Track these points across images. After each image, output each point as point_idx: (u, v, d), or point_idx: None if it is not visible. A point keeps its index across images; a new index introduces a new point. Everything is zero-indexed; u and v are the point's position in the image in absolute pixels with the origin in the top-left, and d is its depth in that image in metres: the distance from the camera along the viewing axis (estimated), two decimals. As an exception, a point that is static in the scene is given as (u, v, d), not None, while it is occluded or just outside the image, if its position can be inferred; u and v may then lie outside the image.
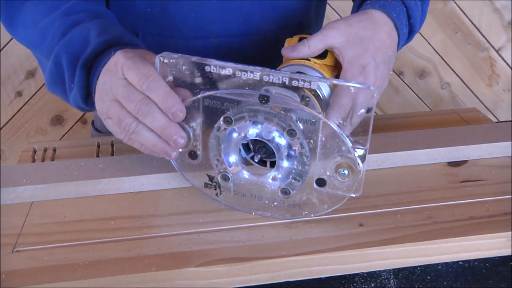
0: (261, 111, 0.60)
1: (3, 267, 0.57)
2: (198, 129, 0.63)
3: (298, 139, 0.60)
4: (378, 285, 0.64)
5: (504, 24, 2.11)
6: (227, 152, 0.64)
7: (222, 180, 0.65)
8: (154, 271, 0.57)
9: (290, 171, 0.63)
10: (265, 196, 0.66)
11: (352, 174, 0.61)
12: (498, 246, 0.63)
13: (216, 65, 0.60)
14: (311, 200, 0.65)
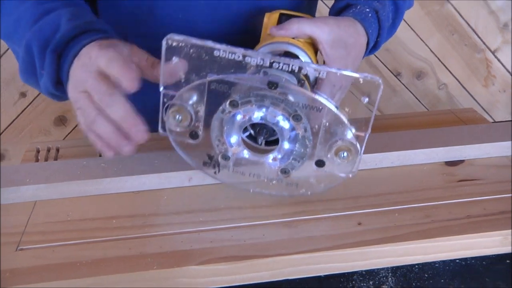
0: (269, 96, 0.60)
1: (8, 265, 0.57)
2: (202, 111, 0.62)
3: (303, 124, 0.60)
4: (376, 283, 0.64)
5: (499, 26, 2.12)
6: (229, 133, 0.63)
7: (222, 160, 0.65)
8: (155, 269, 0.57)
9: (291, 152, 0.64)
10: (264, 175, 0.66)
11: (350, 157, 0.62)
12: (495, 244, 0.63)
13: (225, 50, 0.59)
14: (309, 179, 0.66)
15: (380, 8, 0.79)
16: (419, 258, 0.62)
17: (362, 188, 0.70)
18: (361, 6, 0.77)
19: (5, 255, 0.59)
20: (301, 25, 0.70)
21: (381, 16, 0.79)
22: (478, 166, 0.75)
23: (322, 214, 0.65)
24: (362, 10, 0.77)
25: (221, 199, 0.68)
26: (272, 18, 0.75)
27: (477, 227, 0.62)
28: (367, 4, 0.78)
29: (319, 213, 0.65)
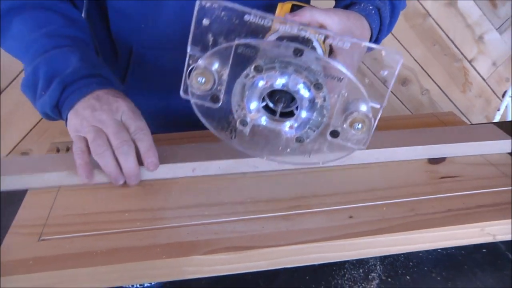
0: (293, 63, 0.57)
1: (31, 254, 0.57)
2: (225, 74, 0.60)
3: (323, 93, 0.58)
4: (366, 271, 0.64)
5: (475, 38, 2.13)
6: (249, 99, 0.60)
7: (240, 125, 0.62)
8: (164, 258, 0.56)
9: (307, 121, 0.61)
10: (279, 143, 0.64)
11: (364, 129, 0.60)
12: (473, 235, 0.62)
13: (256, 15, 0.57)
14: (322, 149, 0.64)
15: (382, 6, 0.79)
16: (405, 248, 0.62)
17: (353, 185, 0.69)
18: (364, 4, 0.77)
19: (29, 244, 0.58)
20: (313, 13, 0.68)
21: (382, 14, 0.79)
22: (458, 164, 0.75)
23: (316, 208, 0.64)
24: (366, 7, 0.77)
25: (224, 195, 0.68)
26: (284, 8, 0.72)
27: (456, 219, 0.62)
28: (369, 3, 0.78)
29: (313, 207, 0.65)
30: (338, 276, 0.63)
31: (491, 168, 0.73)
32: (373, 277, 0.63)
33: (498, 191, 0.68)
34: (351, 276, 0.63)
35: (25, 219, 0.63)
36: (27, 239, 0.59)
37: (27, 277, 0.54)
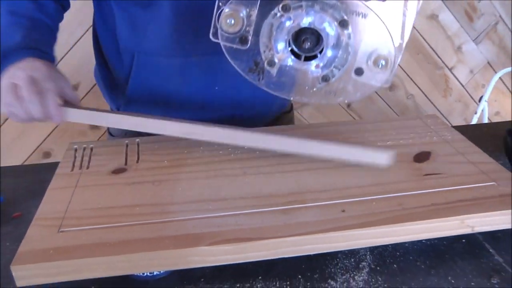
0: (319, 1, 0.54)
1: (51, 244, 0.57)
2: (254, 15, 0.56)
3: (348, 31, 0.56)
4: (357, 260, 0.63)
5: (454, 49, 2.14)
6: (277, 39, 0.58)
7: (268, 65, 0.60)
8: (171, 249, 0.56)
9: (333, 60, 0.58)
10: (305, 83, 0.61)
11: (387, 66, 0.57)
12: (454, 227, 0.62)
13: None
14: (347, 87, 0.61)
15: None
16: (392, 239, 0.61)
17: (345, 182, 0.69)
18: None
19: (49, 236, 0.58)
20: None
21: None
22: (441, 162, 0.74)
23: (311, 203, 0.64)
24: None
25: (226, 191, 0.67)
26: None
27: (439, 213, 0.61)
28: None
29: (308, 202, 0.64)
30: (331, 265, 0.62)
31: (471, 166, 0.72)
32: (363, 266, 0.62)
33: (477, 187, 0.67)
34: (343, 265, 0.63)
35: (46, 213, 0.63)
36: (48, 231, 0.59)
37: (47, 264, 0.54)
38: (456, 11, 2.06)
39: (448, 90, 2.22)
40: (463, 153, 0.76)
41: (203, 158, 0.75)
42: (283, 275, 0.61)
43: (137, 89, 0.90)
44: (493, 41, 2.17)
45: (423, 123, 0.87)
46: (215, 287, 0.59)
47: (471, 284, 0.59)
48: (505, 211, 0.62)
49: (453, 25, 2.08)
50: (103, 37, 0.92)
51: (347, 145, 0.71)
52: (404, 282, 0.59)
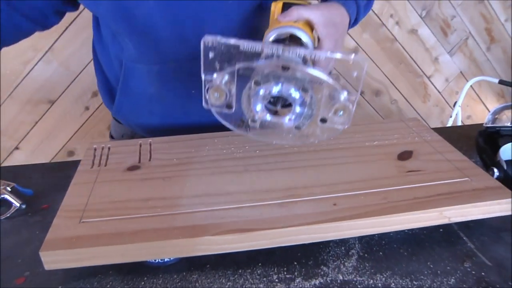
0: (283, 76, 0.59)
1: (73, 233, 0.57)
2: (233, 89, 0.61)
3: (309, 93, 0.60)
4: (347, 248, 0.63)
5: (432, 59, 2.16)
6: (255, 104, 0.62)
7: (251, 122, 0.64)
8: (180, 238, 0.55)
9: (301, 114, 0.62)
10: (283, 131, 0.65)
11: (345, 114, 0.62)
12: (433, 218, 0.61)
13: (247, 45, 0.59)
14: (316, 132, 0.65)
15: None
16: (379, 229, 0.61)
17: (336, 178, 0.68)
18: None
19: (72, 225, 0.58)
20: (299, 11, 0.67)
21: (359, 3, 0.77)
22: (422, 160, 0.73)
23: (306, 197, 0.63)
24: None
25: (230, 186, 0.66)
26: (277, 7, 0.72)
27: (420, 206, 0.61)
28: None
29: (303, 196, 0.63)
30: (324, 252, 0.62)
31: (448, 164, 0.71)
32: (353, 253, 0.62)
33: (453, 182, 0.66)
34: (335, 252, 0.62)
35: (69, 205, 0.63)
36: (70, 221, 0.59)
37: (70, 251, 0.54)
38: (433, 27, 2.07)
39: (427, 96, 2.23)
40: (441, 152, 0.75)
41: (208, 157, 0.75)
42: (281, 262, 0.60)
43: (125, 93, 0.88)
44: (465, 53, 2.18)
45: (405, 125, 0.86)
46: (219, 272, 0.59)
47: (447, 268, 0.59)
48: (477, 203, 0.62)
49: (430, 39, 2.09)
50: (100, 52, 0.89)
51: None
52: (389, 268, 0.59)
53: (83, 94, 1.77)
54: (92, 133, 1.85)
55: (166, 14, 0.74)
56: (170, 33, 0.77)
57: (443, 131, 0.88)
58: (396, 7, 1.97)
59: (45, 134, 1.82)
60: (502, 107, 0.88)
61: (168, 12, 0.74)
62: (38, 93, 1.73)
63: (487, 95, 2.35)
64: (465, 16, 2.09)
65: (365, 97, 2.12)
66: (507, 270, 0.58)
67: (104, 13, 0.76)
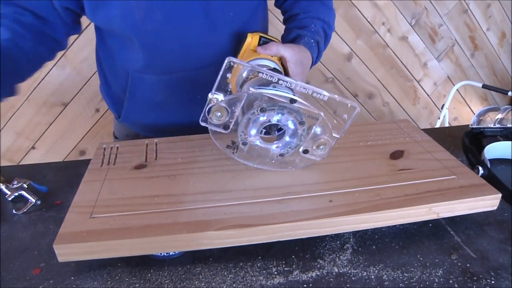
0: (288, 107, 0.61)
1: (84, 228, 0.56)
2: (237, 112, 0.62)
3: (304, 127, 0.63)
4: (342, 242, 0.62)
5: (421, 65, 2.16)
6: (251, 128, 0.63)
7: (242, 145, 0.65)
8: (185, 233, 0.55)
9: (289, 143, 0.65)
10: (267, 157, 0.67)
11: (326, 148, 0.66)
12: (423, 214, 0.61)
13: (267, 73, 0.60)
14: (295, 160, 0.68)
15: (319, 39, 0.81)
16: (372, 224, 0.60)
17: (332, 176, 0.67)
18: (308, 38, 0.79)
19: (83, 221, 0.58)
20: (278, 48, 0.71)
21: (320, 45, 0.81)
22: (413, 159, 0.72)
23: (303, 194, 0.62)
24: (309, 41, 0.79)
25: (231, 184, 0.66)
26: (254, 39, 0.74)
27: (411, 202, 0.60)
28: (312, 37, 0.80)
29: (301, 193, 0.63)
30: (320, 246, 0.61)
31: (437, 163, 0.71)
32: (347, 247, 0.61)
33: (441, 180, 0.66)
34: (330, 246, 0.62)
35: (80, 201, 0.62)
36: (82, 217, 0.59)
37: (81, 245, 0.54)
38: (422, 34, 2.07)
39: (416, 99, 2.22)
40: (430, 152, 0.74)
41: (211, 156, 0.74)
42: (280, 255, 0.60)
43: (132, 101, 0.88)
44: (451, 59, 2.19)
45: (397, 126, 0.85)
46: (221, 265, 0.58)
47: (435, 261, 0.58)
48: (464, 200, 0.61)
49: (419, 45, 2.09)
50: (104, 59, 0.89)
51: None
52: (381, 260, 0.59)
53: (94, 97, 1.77)
54: (102, 133, 1.84)
55: (173, 28, 0.76)
56: (178, 45, 0.78)
57: (432, 132, 0.87)
58: (388, 15, 1.97)
59: (59, 134, 1.82)
60: (486, 109, 0.88)
61: (175, 26, 0.76)
62: (53, 96, 1.73)
63: (472, 98, 2.34)
64: (451, 24, 2.09)
65: (359, 100, 2.12)
66: (490, 261, 0.58)
67: (116, 30, 0.77)
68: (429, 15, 2.03)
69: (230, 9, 0.78)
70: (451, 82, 2.23)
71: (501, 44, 2.24)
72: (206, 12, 0.76)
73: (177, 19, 0.75)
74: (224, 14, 0.78)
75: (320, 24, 0.83)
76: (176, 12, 0.74)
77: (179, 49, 0.78)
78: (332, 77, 2.01)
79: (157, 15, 0.74)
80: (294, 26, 0.83)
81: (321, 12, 0.84)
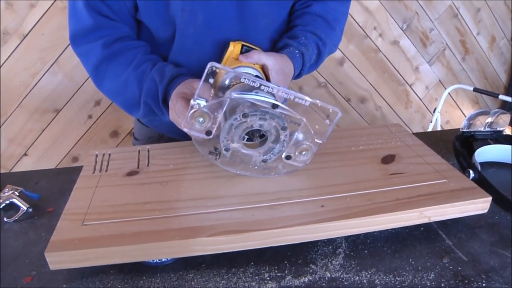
0: (269, 112, 0.61)
1: (76, 235, 0.56)
2: (220, 117, 0.61)
3: (286, 132, 0.63)
4: (334, 247, 0.62)
5: (413, 69, 2.17)
6: (234, 134, 0.63)
7: (224, 151, 0.65)
8: (177, 240, 0.55)
9: (271, 149, 0.65)
10: (250, 163, 0.67)
11: (308, 154, 0.67)
12: (414, 218, 0.61)
13: (249, 78, 0.60)
14: (278, 166, 0.68)
15: (305, 51, 0.81)
16: (364, 229, 0.60)
17: (324, 181, 0.67)
18: (293, 48, 0.80)
19: (75, 228, 0.57)
20: (260, 56, 0.72)
21: (305, 57, 0.81)
22: (404, 163, 0.72)
23: (295, 200, 0.62)
24: (293, 51, 0.79)
25: (223, 190, 0.66)
26: (236, 47, 0.75)
27: (402, 206, 0.61)
28: (297, 48, 0.80)
29: (292, 199, 0.63)
30: (312, 251, 0.62)
31: (428, 167, 0.71)
32: (340, 252, 0.61)
33: (432, 184, 0.66)
34: (323, 251, 0.62)
35: (72, 209, 0.62)
36: (74, 224, 0.58)
37: (73, 252, 0.54)
38: (413, 39, 2.08)
39: (408, 103, 2.24)
40: (421, 156, 0.75)
41: (203, 162, 0.74)
42: (272, 261, 0.60)
43: None
44: (442, 63, 2.20)
45: (389, 130, 0.86)
46: (214, 271, 0.58)
47: (427, 264, 0.59)
48: (455, 203, 0.62)
49: (411, 49, 2.11)
50: None
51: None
52: (373, 265, 0.59)
53: (86, 103, 1.76)
54: (95, 140, 1.84)
55: (212, 31, 0.78)
56: (213, 49, 0.79)
57: (424, 136, 0.88)
58: (379, 20, 1.98)
59: (51, 141, 1.81)
60: (476, 113, 0.89)
61: (213, 30, 0.77)
62: (45, 102, 1.73)
63: (463, 102, 2.36)
64: (442, 29, 2.11)
65: (352, 104, 2.12)
66: (481, 264, 0.58)
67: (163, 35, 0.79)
68: (420, 19, 2.04)
69: (264, 17, 0.80)
70: (443, 85, 2.25)
71: (491, 48, 2.27)
72: (241, 17, 0.78)
73: (216, 23, 0.77)
74: (257, 21, 0.80)
75: (314, 39, 0.83)
76: (215, 15, 0.76)
77: (213, 53, 0.79)
78: (324, 82, 2.02)
79: (199, 18, 0.75)
80: (286, 36, 0.84)
81: (319, 29, 0.85)
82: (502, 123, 0.87)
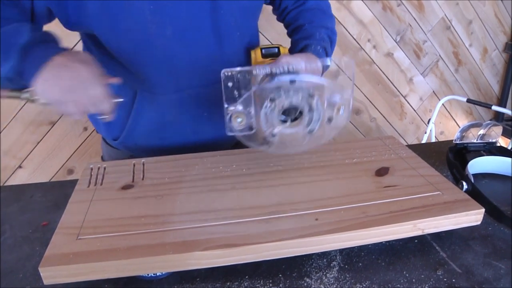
0: (291, 88, 0.64)
1: (70, 249, 0.56)
2: (252, 111, 0.66)
3: (315, 98, 0.65)
4: (328, 260, 0.62)
5: (407, 80, 2.18)
6: (272, 119, 0.66)
7: (271, 137, 0.68)
8: (171, 254, 0.55)
9: (311, 118, 0.67)
10: (298, 139, 0.69)
11: (346, 110, 0.68)
12: (408, 230, 0.61)
13: (259, 68, 0.66)
14: (325, 133, 0.69)
15: (326, 45, 0.84)
16: (358, 242, 0.60)
17: (318, 194, 0.68)
18: (314, 46, 0.81)
19: (69, 242, 0.57)
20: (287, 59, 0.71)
21: (328, 51, 0.84)
22: (398, 176, 0.73)
23: (289, 213, 0.63)
24: (316, 48, 0.81)
25: (218, 203, 0.66)
26: (257, 53, 0.79)
27: (396, 219, 0.61)
28: (318, 44, 0.82)
29: (287, 212, 0.63)
30: (307, 264, 0.62)
31: (421, 179, 0.72)
32: (334, 265, 0.61)
33: (426, 196, 0.67)
34: (317, 264, 0.62)
35: (67, 223, 0.62)
36: (68, 238, 0.58)
37: (68, 267, 0.54)
38: (407, 50, 2.10)
39: (403, 114, 2.25)
40: (415, 168, 0.75)
41: (198, 175, 0.74)
42: (267, 274, 0.60)
43: (138, 122, 0.86)
44: (436, 74, 2.22)
45: (382, 143, 0.86)
46: (209, 285, 0.58)
47: (421, 276, 0.59)
48: (448, 215, 0.62)
49: (405, 61, 2.12)
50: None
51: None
52: (368, 277, 0.59)
53: (82, 117, 1.75)
54: (90, 152, 1.83)
55: (183, 44, 0.77)
56: (187, 62, 0.79)
57: (417, 148, 0.88)
58: (373, 32, 2.00)
59: (46, 153, 1.80)
60: (469, 125, 0.90)
61: (184, 42, 0.77)
62: (40, 115, 1.72)
63: (457, 112, 2.38)
64: (435, 41, 2.13)
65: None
66: (475, 276, 0.59)
67: (126, 47, 0.76)
68: (413, 31, 2.06)
69: (237, 28, 0.81)
70: (437, 97, 2.26)
71: (483, 60, 2.29)
72: (215, 29, 0.78)
73: (187, 35, 0.76)
74: (232, 33, 0.80)
75: (325, 31, 0.85)
76: (186, 28, 0.75)
77: (187, 65, 0.79)
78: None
79: (168, 30, 0.74)
80: (301, 37, 0.85)
81: (324, 20, 0.87)
82: (494, 135, 0.88)
